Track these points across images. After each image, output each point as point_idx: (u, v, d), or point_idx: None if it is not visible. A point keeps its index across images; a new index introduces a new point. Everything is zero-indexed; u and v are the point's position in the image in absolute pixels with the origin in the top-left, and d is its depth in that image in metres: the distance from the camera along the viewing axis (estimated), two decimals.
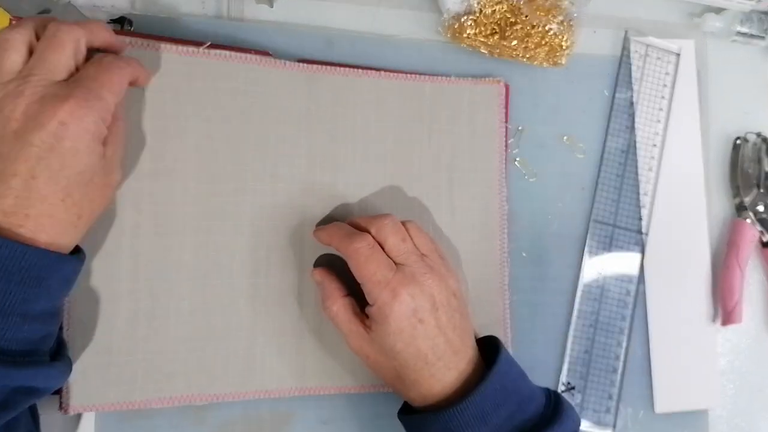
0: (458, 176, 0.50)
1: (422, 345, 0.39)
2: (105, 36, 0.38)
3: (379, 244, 0.41)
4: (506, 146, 0.52)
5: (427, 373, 0.39)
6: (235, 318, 0.44)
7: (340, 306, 0.42)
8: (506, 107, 0.52)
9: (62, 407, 0.41)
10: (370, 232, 0.41)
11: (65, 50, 0.35)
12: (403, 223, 0.43)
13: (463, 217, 0.50)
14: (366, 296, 0.40)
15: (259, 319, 0.45)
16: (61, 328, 0.39)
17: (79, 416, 0.43)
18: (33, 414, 0.39)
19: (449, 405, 0.38)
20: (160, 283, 0.43)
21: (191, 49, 0.44)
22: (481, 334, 0.46)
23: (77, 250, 0.37)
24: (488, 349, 0.43)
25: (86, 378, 0.41)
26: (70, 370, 0.38)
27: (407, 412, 0.43)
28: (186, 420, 0.45)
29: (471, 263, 0.50)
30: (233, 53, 0.45)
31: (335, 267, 0.44)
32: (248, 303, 0.45)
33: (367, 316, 0.41)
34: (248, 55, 0.45)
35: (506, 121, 0.52)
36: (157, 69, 0.43)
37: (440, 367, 0.40)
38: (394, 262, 0.40)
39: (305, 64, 0.47)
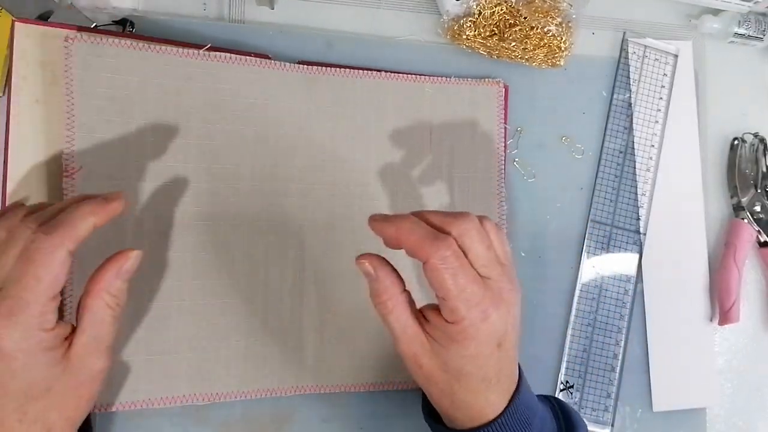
0: (458, 176, 0.51)
1: (491, 370, 0.35)
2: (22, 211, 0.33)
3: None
4: (505, 147, 0.53)
5: (483, 398, 0.36)
6: (236, 318, 0.45)
7: (398, 303, 0.35)
8: (505, 108, 0.53)
9: None
10: (450, 234, 0.34)
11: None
12: (481, 222, 0.36)
13: None
14: (444, 311, 0.34)
15: (259, 318, 0.45)
16: None
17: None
18: None
19: (490, 421, 0.36)
20: (161, 283, 0.43)
21: (192, 51, 0.44)
22: None
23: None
24: None
25: None
26: None
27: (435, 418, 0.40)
28: (188, 419, 0.45)
29: None
30: (233, 55, 0.45)
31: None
32: (248, 303, 0.45)
33: (428, 320, 0.36)
34: (248, 58, 0.45)
35: (505, 122, 0.53)
36: (159, 70, 0.43)
37: (497, 390, 0.36)
38: (477, 273, 0.35)
39: (305, 66, 0.47)
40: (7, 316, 0.29)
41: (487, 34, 0.52)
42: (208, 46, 0.45)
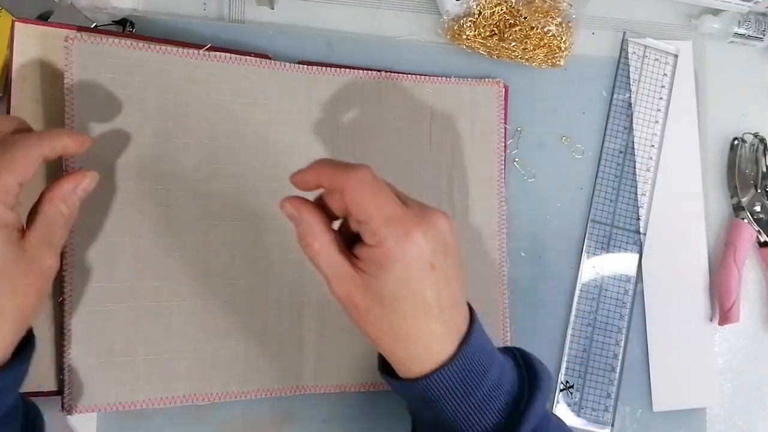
0: (458, 176, 0.51)
1: (429, 295, 0.34)
2: (13, 123, 0.37)
3: None
4: (505, 147, 0.53)
5: (425, 329, 0.34)
6: (235, 318, 0.45)
7: (324, 242, 0.34)
8: (505, 108, 0.53)
9: (65, 408, 0.41)
10: None
11: None
12: None
13: (463, 217, 0.51)
14: (368, 236, 0.33)
15: (259, 318, 0.45)
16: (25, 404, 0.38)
17: (81, 416, 0.43)
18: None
19: (441, 365, 0.34)
20: (161, 283, 0.43)
21: (192, 51, 0.44)
22: None
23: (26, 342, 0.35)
24: None
25: (88, 378, 0.41)
26: None
27: (391, 372, 0.38)
28: (187, 419, 0.45)
29: (470, 263, 0.50)
30: (233, 55, 0.45)
31: None
32: (248, 303, 0.45)
33: (357, 257, 0.34)
34: (248, 58, 0.45)
35: (505, 122, 0.53)
36: (159, 70, 0.43)
37: (440, 321, 0.34)
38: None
39: (305, 66, 0.47)
40: None
41: (487, 34, 0.52)
42: (208, 46, 0.45)
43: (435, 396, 0.35)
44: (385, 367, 0.38)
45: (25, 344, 0.36)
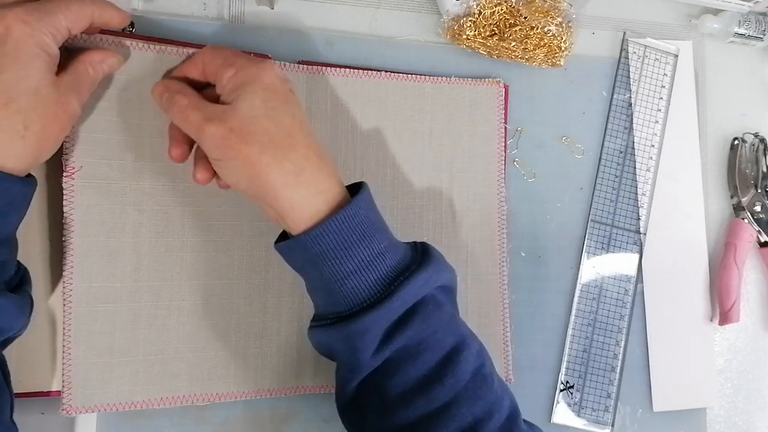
0: (458, 176, 0.51)
1: (296, 110, 0.38)
2: None
3: None
4: (505, 147, 0.53)
5: (300, 143, 0.37)
6: (235, 318, 0.45)
7: (190, 94, 0.38)
8: (505, 108, 0.53)
9: (64, 408, 0.41)
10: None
11: None
12: None
13: (463, 217, 0.51)
14: (225, 72, 0.38)
15: (259, 318, 0.45)
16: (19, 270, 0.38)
17: (81, 416, 0.43)
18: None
19: (324, 218, 0.36)
20: (161, 283, 0.43)
21: (192, 51, 0.44)
22: (481, 332, 0.45)
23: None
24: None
25: (88, 378, 0.41)
26: (30, 309, 0.37)
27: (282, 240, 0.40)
28: (187, 419, 0.45)
29: (471, 263, 0.50)
30: None
31: None
32: (248, 302, 0.45)
33: (222, 102, 0.38)
34: None
35: (505, 122, 0.53)
36: (159, 70, 0.43)
37: (313, 149, 0.38)
38: None
39: (305, 65, 0.47)
40: (32, 12, 0.35)
41: (487, 34, 0.52)
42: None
43: (317, 251, 0.36)
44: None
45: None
